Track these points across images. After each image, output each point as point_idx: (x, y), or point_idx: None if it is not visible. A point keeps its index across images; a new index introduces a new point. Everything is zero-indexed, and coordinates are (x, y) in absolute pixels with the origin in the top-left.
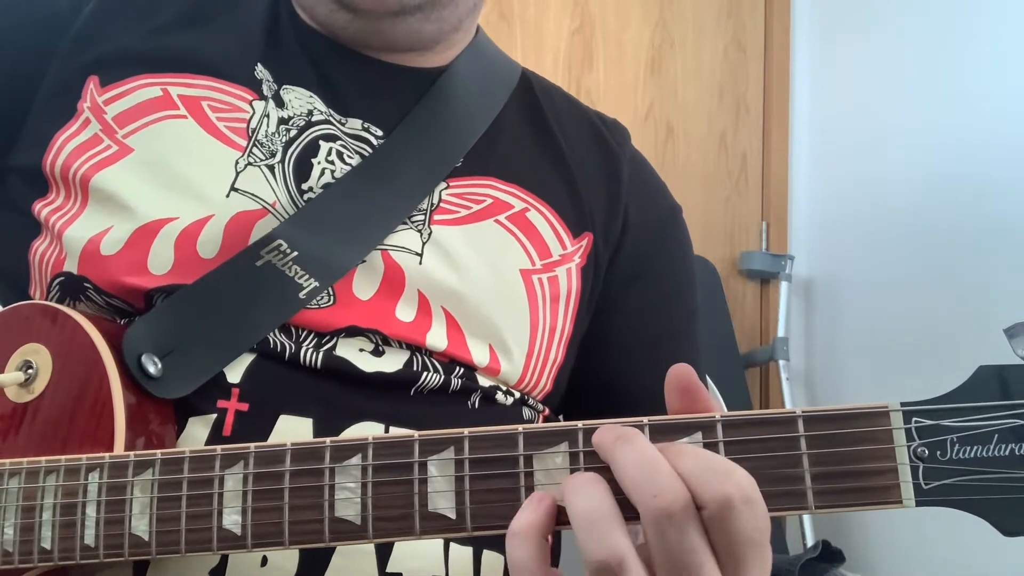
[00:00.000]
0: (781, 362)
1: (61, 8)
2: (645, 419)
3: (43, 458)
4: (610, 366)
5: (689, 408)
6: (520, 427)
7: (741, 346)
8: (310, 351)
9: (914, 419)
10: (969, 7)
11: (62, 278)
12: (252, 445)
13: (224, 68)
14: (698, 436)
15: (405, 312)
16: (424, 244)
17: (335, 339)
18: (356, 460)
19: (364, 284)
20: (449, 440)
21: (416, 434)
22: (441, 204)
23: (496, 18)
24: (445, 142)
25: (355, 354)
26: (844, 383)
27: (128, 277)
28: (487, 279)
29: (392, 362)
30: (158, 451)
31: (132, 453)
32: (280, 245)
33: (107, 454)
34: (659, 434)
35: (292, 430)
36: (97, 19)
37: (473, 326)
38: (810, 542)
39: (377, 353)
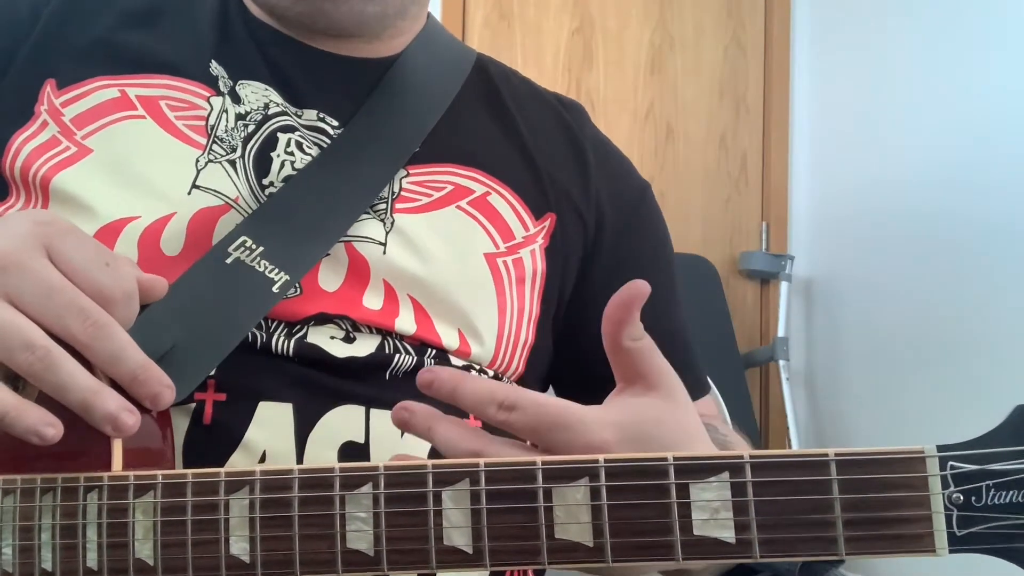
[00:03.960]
0: (781, 362)
1: (21, 16)
2: (670, 456)
3: (38, 476)
4: (598, 360)
5: (613, 329)
6: (539, 459)
7: (741, 346)
8: (281, 339)
9: (950, 464)
10: (970, 8)
11: None
12: (257, 470)
13: (180, 66)
14: (725, 476)
15: (372, 301)
16: (388, 233)
17: (305, 328)
18: (367, 489)
19: (329, 277)
20: (464, 472)
21: (429, 464)
22: (402, 192)
23: (496, 18)
24: (402, 130)
25: (326, 341)
26: (844, 383)
27: None
28: (452, 265)
29: (364, 347)
30: (159, 472)
31: (132, 474)
32: (246, 241)
33: (105, 474)
34: (684, 474)
35: (273, 416)
36: (53, 24)
37: (440, 312)
38: None
39: (348, 340)
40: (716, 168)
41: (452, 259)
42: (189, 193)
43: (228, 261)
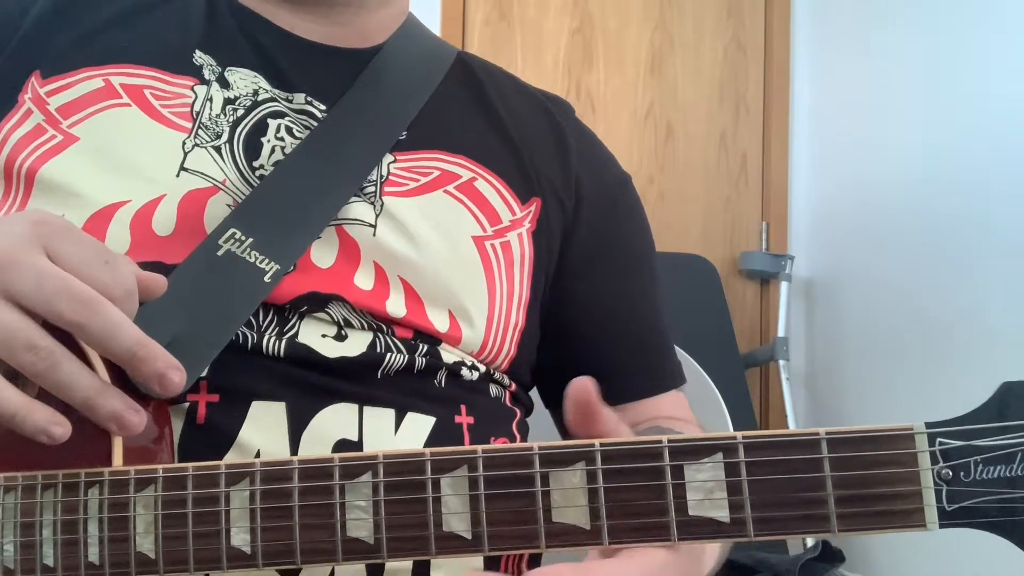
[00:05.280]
0: (781, 362)
1: (9, 12)
2: (664, 438)
3: (39, 472)
4: (576, 344)
5: (584, 426)
6: (535, 445)
7: (741, 346)
8: (272, 339)
9: (938, 440)
10: (970, 8)
11: None
12: (258, 461)
13: (163, 60)
14: (719, 456)
15: (363, 281)
16: (377, 216)
17: (296, 324)
18: (366, 478)
19: (322, 256)
20: (462, 459)
21: (428, 452)
22: (390, 177)
23: (496, 18)
24: (386, 114)
25: (317, 340)
26: (844, 383)
27: None
28: (441, 247)
29: (355, 345)
30: (159, 467)
31: (132, 469)
32: (235, 233)
33: (106, 469)
34: (679, 456)
35: (266, 415)
36: (42, 22)
37: (431, 294)
38: (810, 542)
39: (340, 337)
40: (716, 168)
41: (441, 242)
42: (177, 175)
43: (219, 253)
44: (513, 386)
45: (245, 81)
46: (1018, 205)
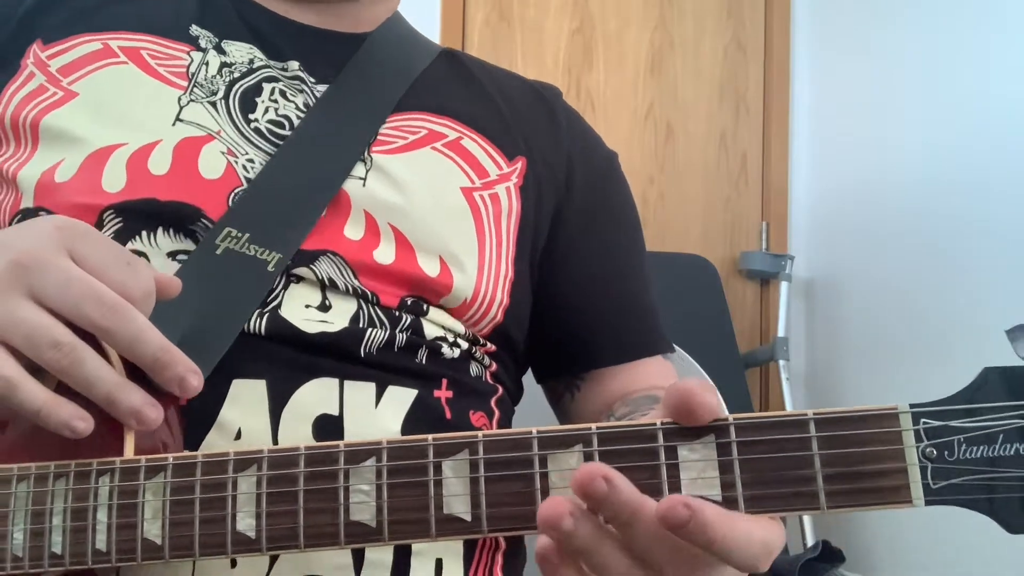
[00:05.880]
0: (781, 362)
1: (9, 3)
2: (658, 422)
3: (52, 463)
4: (568, 314)
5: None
6: (534, 429)
7: (741, 346)
8: (253, 316)
9: (922, 420)
10: (969, 9)
11: (19, 216)
12: (266, 448)
13: (160, 29)
14: (711, 437)
15: (353, 231)
16: (368, 171)
17: (281, 294)
18: (370, 463)
19: None
20: (464, 443)
21: (430, 437)
22: (379, 137)
23: (496, 18)
24: (379, 93)
25: (300, 312)
26: (844, 383)
27: (82, 198)
28: (430, 197)
29: (337, 319)
30: (170, 455)
31: (143, 457)
32: (230, 232)
33: (118, 458)
34: (673, 437)
35: (246, 393)
36: (41, 3)
37: (421, 240)
38: (810, 542)
39: (323, 308)
40: (716, 168)
41: (429, 192)
42: (173, 124)
43: (218, 252)
44: (494, 365)
45: (241, 52)
46: (1018, 205)
